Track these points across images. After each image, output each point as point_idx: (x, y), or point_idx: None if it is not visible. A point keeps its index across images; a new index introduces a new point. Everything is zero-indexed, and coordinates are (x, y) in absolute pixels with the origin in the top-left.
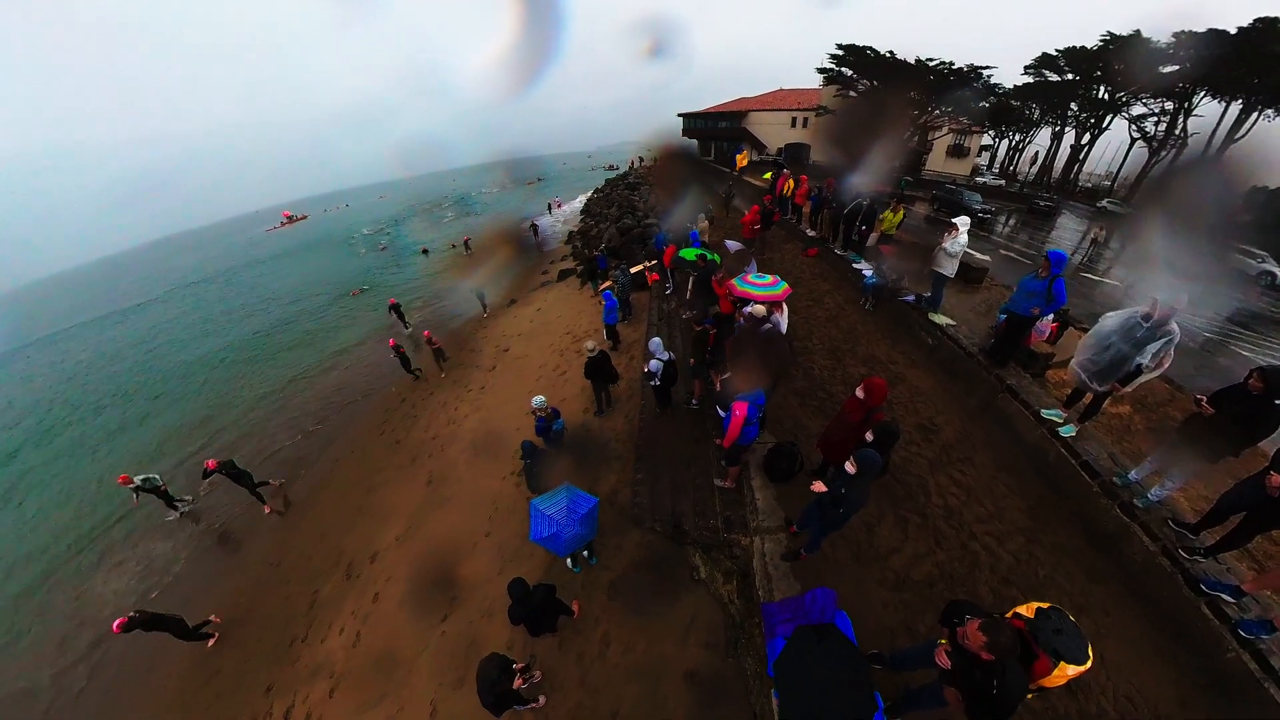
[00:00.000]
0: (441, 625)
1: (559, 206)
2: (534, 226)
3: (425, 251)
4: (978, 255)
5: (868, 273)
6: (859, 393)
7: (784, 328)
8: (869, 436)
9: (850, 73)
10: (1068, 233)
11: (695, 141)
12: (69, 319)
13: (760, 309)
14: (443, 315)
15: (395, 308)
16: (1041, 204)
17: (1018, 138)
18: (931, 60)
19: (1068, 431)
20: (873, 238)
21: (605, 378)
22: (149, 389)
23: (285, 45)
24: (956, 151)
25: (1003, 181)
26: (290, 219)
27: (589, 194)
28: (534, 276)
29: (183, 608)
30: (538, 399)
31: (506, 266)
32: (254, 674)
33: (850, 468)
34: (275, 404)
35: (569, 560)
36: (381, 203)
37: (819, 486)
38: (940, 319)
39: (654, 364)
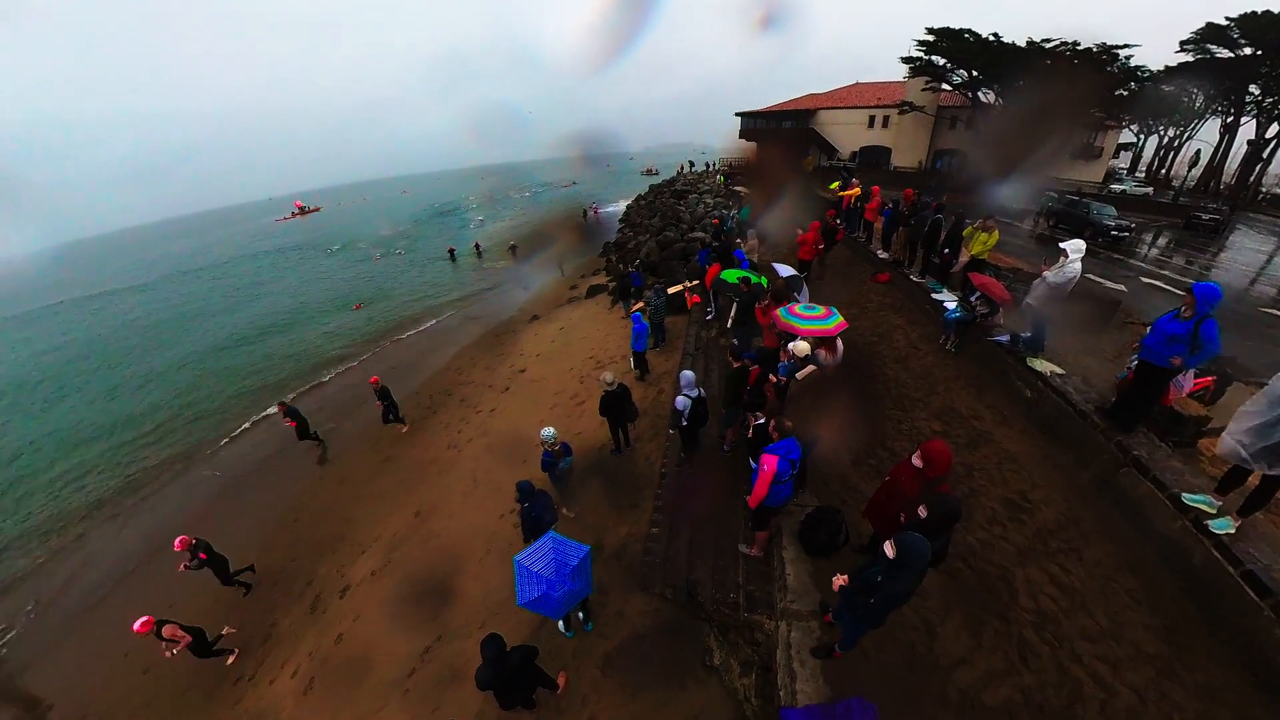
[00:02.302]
0: (407, 681)
1: (595, 213)
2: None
3: (452, 254)
4: (1107, 284)
5: (950, 305)
6: (915, 460)
7: (836, 362)
8: (922, 512)
9: (944, 62)
10: (1243, 255)
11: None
12: (46, 299)
13: (803, 346)
14: (436, 360)
15: (299, 427)
16: (1204, 217)
17: (1171, 133)
18: (1049, 41)
19: (1222, 526)
20: (959, 262)
21: (624, 415)
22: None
23: (319, 29)
24: (1084, 152)
25: (1149, 189)
26: (303, 210)
27: (629, 200)
28: (561, 291)
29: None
30: (547, 431)
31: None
32: (188, 714)
33: (890, 550)
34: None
35: (561, 622)
36: (403, 199)
37: (839, 582)
38: (1042, 365)
39: (681, 400)
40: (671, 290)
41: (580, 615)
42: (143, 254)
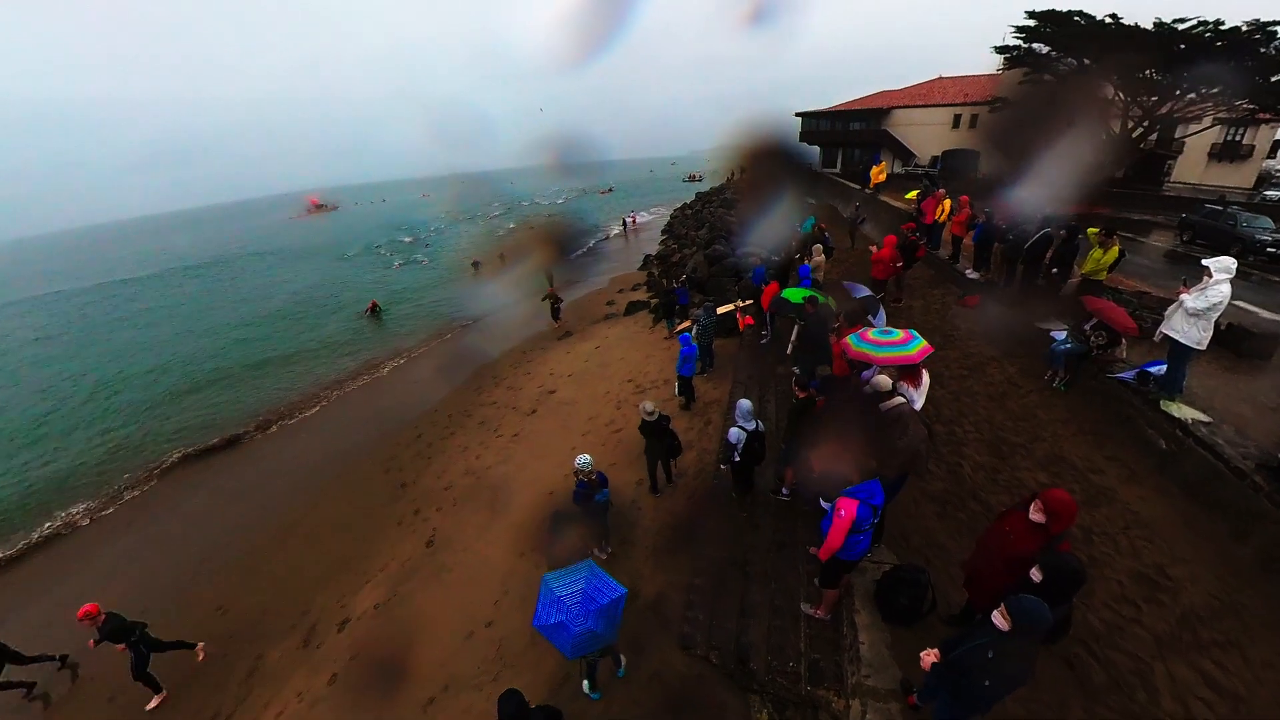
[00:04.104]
0: None
1: (634, 222)
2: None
3: (476, 266)
4: (1262, 314)
5: (1059, 335)
6: (1034, 513)
7: (919, 403)
8: (1035, 576)
9: (1047, 49)
10: None
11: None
12: (41, 287)
13: (885, 380)
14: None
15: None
16: None
17: None
18: (1183, 21)
19: None
20: (1069, 284)
21: (664, 448)
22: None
23: (347, 21)
24: (1227, 152)
25: None
26: (318, 206)
27: (673, 209)
28: (597, 306)
29: None
30: (582, 459)
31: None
32: None
33: (1001, 622)
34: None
35: (585, 683)
36: (424, 202)
37: (930, 659)
38: (1181, 411)
39: (734, 433)
40: (722, 310)
41: (617, 666)
42: (137, 246)
